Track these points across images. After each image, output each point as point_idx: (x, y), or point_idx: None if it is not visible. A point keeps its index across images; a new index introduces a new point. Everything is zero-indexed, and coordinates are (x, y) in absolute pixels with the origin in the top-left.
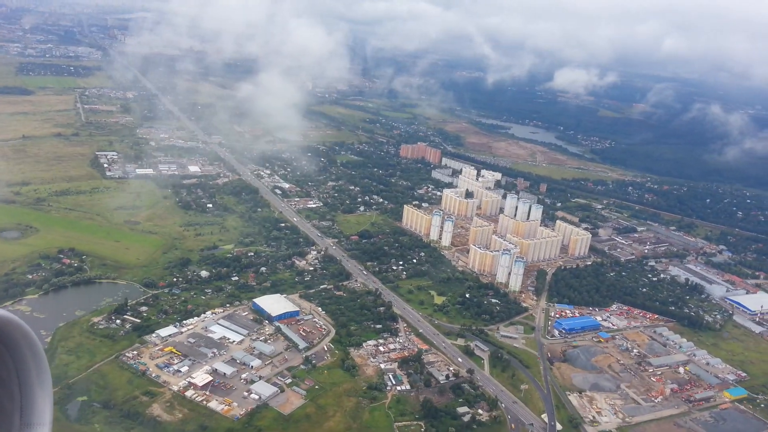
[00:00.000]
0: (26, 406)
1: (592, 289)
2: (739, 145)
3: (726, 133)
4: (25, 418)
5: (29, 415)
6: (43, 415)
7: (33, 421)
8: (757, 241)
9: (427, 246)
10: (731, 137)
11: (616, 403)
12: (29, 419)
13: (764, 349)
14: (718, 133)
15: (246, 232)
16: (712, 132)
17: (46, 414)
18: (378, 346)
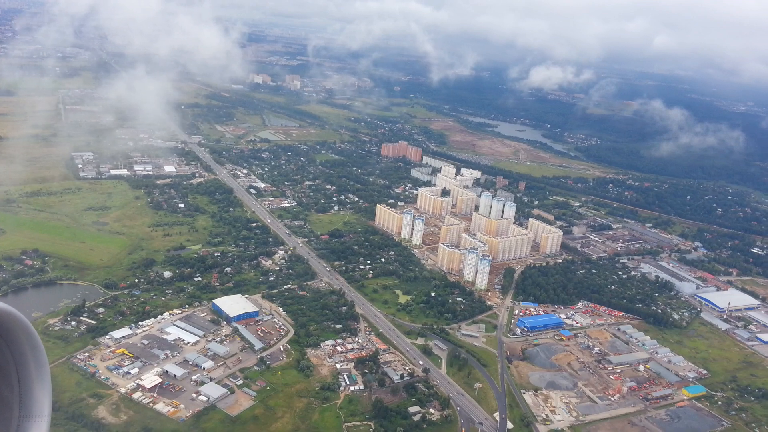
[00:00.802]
0: (25, 397)
1: (559, 287)
2: (724, 142)
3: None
4: (24, 410)
5: (28, 407)
6: (42, 406)
7: (32, 413)
8: (734, 238)
9: (398, 245)
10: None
11: (571, 402)
12: (28, 411)
13: (728, 347)
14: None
15: (215, 232)
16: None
17: (44, 406)
18: (336, 346)
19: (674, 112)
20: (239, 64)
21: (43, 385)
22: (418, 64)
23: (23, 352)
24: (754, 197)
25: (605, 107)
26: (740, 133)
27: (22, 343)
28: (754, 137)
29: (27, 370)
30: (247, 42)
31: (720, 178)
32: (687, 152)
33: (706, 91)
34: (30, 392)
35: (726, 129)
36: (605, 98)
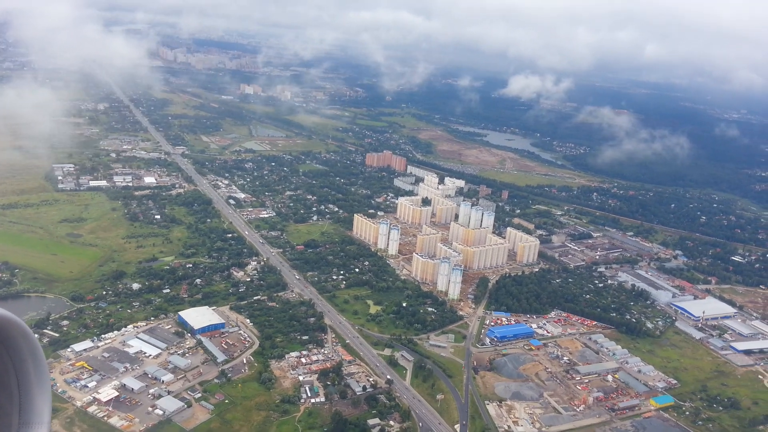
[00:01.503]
0: (25, 405)
1: (533, 296)
2: (714, 149)
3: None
4: (23, 418)
5: (28, 415)
6: (41, 414)
7: (32, 421)
8: (716, 246)
9: (374, 255)
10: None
11: (535, 412)
12: (28, 419)
13: (701, 356)
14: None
15: (190, 244)
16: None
17: (44, 414)
18: (301, 357)
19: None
20: (230, 75)
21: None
22: (411, 74)
23: (23, 359)
24: (740, 205)
25: (597, 116)
26: (731, 140)
27: (22, 349)
28: (744, 145)
29: (27, 377)
30: (242, 53)
31: (707, 185)
32: (675, 160)
33: (700, 100)
34: (30, 400)
35: (717, 137)
36: (597, 107)
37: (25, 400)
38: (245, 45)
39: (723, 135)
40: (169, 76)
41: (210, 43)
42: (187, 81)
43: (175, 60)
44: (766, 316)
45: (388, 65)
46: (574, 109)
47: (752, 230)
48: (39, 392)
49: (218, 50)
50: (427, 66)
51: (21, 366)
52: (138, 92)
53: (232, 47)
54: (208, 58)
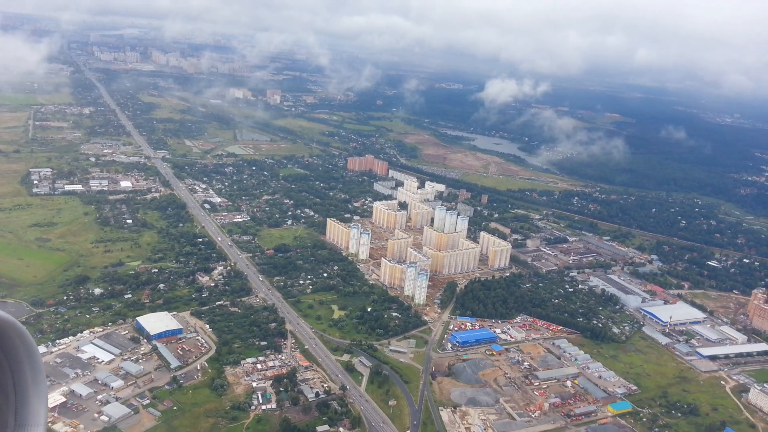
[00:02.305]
0: (21, 406)
1: (499, 301)
2: (703, 154)
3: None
4: (19, 419)
5: (24, 416)
6: (37, 415)
7: (28, 422)
8: (692, 251)
9: (344, 260)
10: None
11: (489, 418)
12: (24, 420)
13: (665, 362)
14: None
15: (158, 248)
16: (676, 141)
17: (40, 415)
18: (257, 363)
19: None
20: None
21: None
22: (404, 78)
23: (20, 361)
24: (723, 209)
25: (587, 120)
26: (721, 145)
27: (19, 351)
28: (735, 149)
29: (23, 379)
30: (236, 57)
31: (692, 190)
32: (662, 164)
33: (694, 104)
34: (26, 401)
35: (707, 141)
36: (588, 110)
37: (21, 401)
38: (241, 49)
39: (714, 139)
40: (159, 80)
41: (205, 47)
42: (176, 85)
43: (167, 64)
44: (737, 322)
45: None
46: (565, 114)
47: (732, 235)
48: (35, 393)
49: (212, 54)
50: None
51: (17, 367)
52: (126, 96)
53: (227, 51)
54: (201, 62)
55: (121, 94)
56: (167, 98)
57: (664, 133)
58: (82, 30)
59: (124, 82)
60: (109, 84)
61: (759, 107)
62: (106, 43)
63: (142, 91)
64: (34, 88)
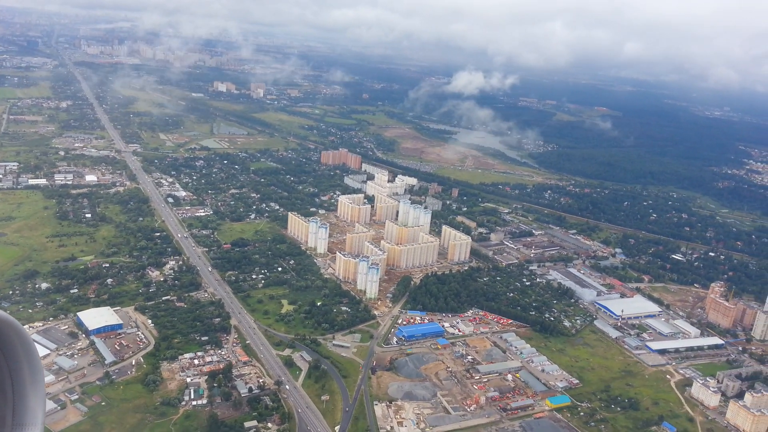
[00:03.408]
0: (18, 405)
1: (452, 295)
2: (686, 147)
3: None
4: (17, 418)
5: (21, 415)
6: (35, 415)
7: (25, 422)
8: (659, 244)
9: (302, 254)
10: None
11: (423, 413)
12: (21, 419)
13: (612, 355)
14: (665, 136)
15: (113, 243)
16: (660, 135)
17: (38, 414)
18: (194, 359)
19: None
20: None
21: (37, 394)
22: (395, 72)
23: (18, 360)
24: (699, 202)
25: (574, 113)
26: (705, 138)
27: (17, 350)
28: (719, 142)
29: (21, 378)
30: (225, 51)
31: (670, 183)
32: (641, 158)
33: (684, 97)
34: (24, 401)
35: (691, 134)
36: (576, 104)
37: (18, 401)
38: (232, 43)
39: (699, 132)
40: (143, 74)
41: (196, 41)
42: (160, 78)
43: (153, 57)
44: (693, 315)
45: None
46: (553, 107)
47: (702, 228)
48: (33, 393)
49: (202, 48)
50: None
51: (15, 366)
52: (106, 90)
53: (218, 45)
54: (188, 55)
55: (102, 87)
56: (148, 92)
57: (648, 127)
58: (73, 24)
59: (107, 75)
60: (92, 78)
61: (749, 100)
62: (96, 37)
63: (123, 84)
64: (14, 82)
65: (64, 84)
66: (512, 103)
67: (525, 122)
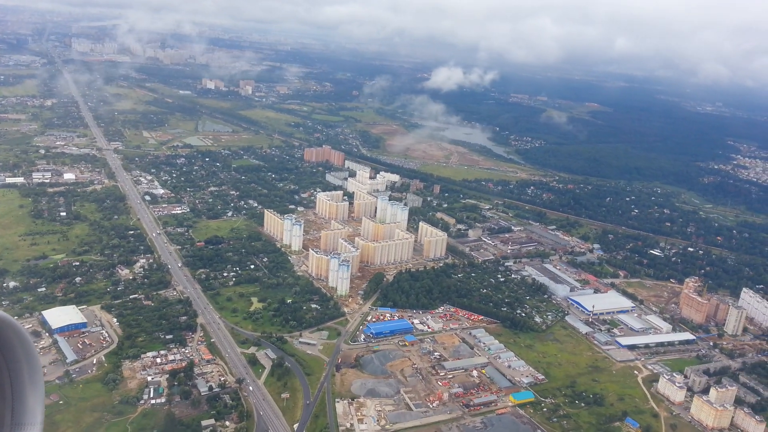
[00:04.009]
0: (18, 405)
1: (424, 291)
2: (674, 142)
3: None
4: (16, 418)
5: (21, 415)
6: (34, 415)
7: (24, 421)
8: (638, 239)
9: (276, 251)
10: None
11: (385, 409)
12: (20, 419)
13: (581, 351)
14: (654, 131)
15: (86, 241)
16: (649, 130)
17: (37, 414)
18: (157, 357)
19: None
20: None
21: (36, 394)
22: (387, 69)
23: (17, 360)
24: (683, 198)
25: (565, 109)
26: (694, 133)
27: (16, 350)
28: (708, 137)
29: (20, 378)
30: (217, 48)
31: (655, 179)
32: (627, 153)
33: (678, 92)
34: (23, 400)
35: (680, 129)
36: (568, 100)
37: (17, 401)
38: (226, 40)
39: (689, 128)
40: (132, 72)
41: (190, 38)
42: (148, 76)
43: (144, 55)
44: (667, 311)
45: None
46: (544, 103)
47: (683, 223)
48: (32, 393)
49: (194, 45)
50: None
51: (15, 366)
52: (93, 88)
53: (212, 42)
54: (178, 53)
55: (89, 85)
56: (135, 89)
57: (638, 122)
58: (66, 21)
59: (95, 73)
60: (79, 76)
61: (742, 95)
62: (87, 35)
63: (111, 82)
64: (0, 80)
65: (51, 82)
66: (503, 99)
67: (514, 118)
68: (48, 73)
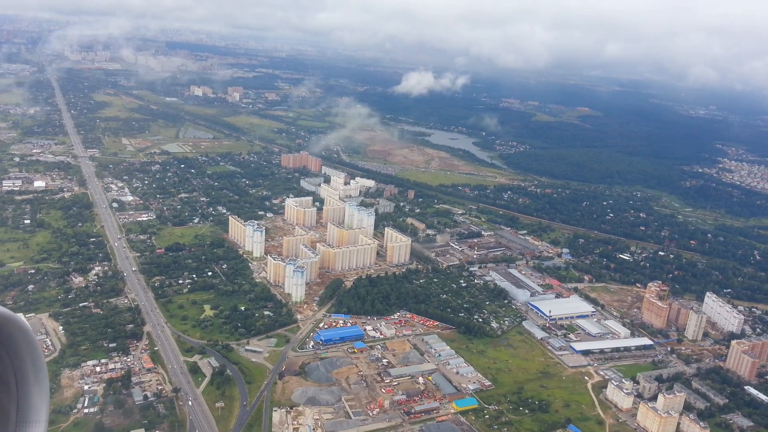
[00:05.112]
0: (23, 403)
1: (381, 297)
2: (660, 146)
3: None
4: (21, 416)
5: (26, 413)
6: (39, 412)
7: (29, 419)
8: (608, 244)
9: (238, 257)
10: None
11: (323, 418)
12: (26, 417)
13: (533, 357)
14: (641, 135)
15: (46, 249)
16: (636, 134)
17: (42, 411)
18: (97, 366)
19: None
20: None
21: (40, 391)
22: (381, 75)
23: (22, 357)
24: (664, 201)
25: (555, 114)
26: (682, 137)
27: (21, 347)
28: (696, 141)
29: (25, 375)
30: (211, 55)
31: (636, 182)
32: (610, 157)
33: (672, 96)
34: (28, 398)
35: (669, 133)
36: (559, 104)
37: (22, 398)
38: (221, 47)
39: (678, 131)
40: (121, 79)
41: (185, 45)
42: (137, 83)
43: (135, 62)
44: (628, 315)
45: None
46: (535, 108)
47: (658, 227)
48: (37, 390)
49: (187, 52)
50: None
51: (20, 364)
52: (79, 96)
53: (206, 50)
54: (171, 60)
55: (76, 93)
56: (122, 97)
57: (627, 126)
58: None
59: (84, 81)
60: (68, 83)
61: (736, 99)
62: (82, 44)
63: (98, 90)
64: None
65: (37, 90)
66: (493, 104)
67: (501, 123)
68: (36, 81)
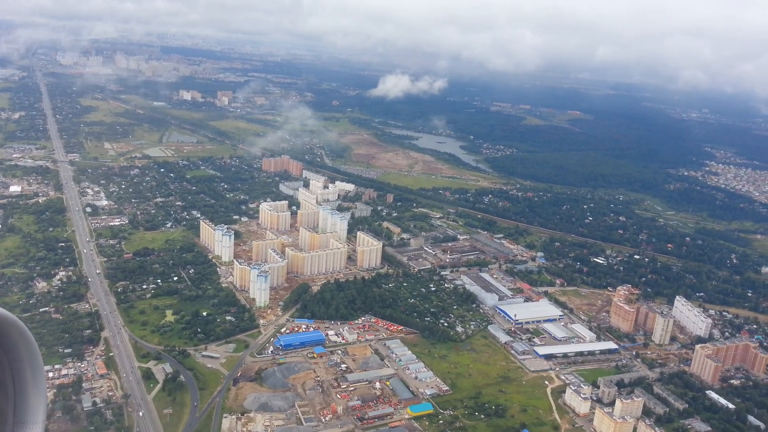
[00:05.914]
0: (20, 404)
1: (346, 302)
2: (648, 149)
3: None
4: (18, 417)
5: (23, 413)
6: (36, 413)
7: (27, 420)
8: (584, 247)
9: (206, 262)
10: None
11: (273, 424)
12: (23, 417)
13: (495, 361)
14: (630, 138)
15: (14, 254)
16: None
17: (39, 412)
18: (50, 372)
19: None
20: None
21: (38, 392)
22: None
23: (20, 359)
24: (647, 204)
25: (545, 117)
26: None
27: (19, 349)
28: (684, 144)
29: (23, 376)
30: (205, 60)
31: (621, 185)
32: (595, 161)
33: (666, 99)
34: (25, 399)
35: (658, 137)
36: (551, 108)
37: (20, 399)
38: (217, 52)
39: (668, 134)
40: (111, 84)
41: (180, 50)
42: (126, 88)
43: (127, 67)
44: (596, 319)
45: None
46: (526, 111)
47: (636, 231)
48: (34, 391)
49: (182, 57)
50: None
51: (18, 365)
52: (66, 101)
53: (201, 54)
54: (162, 64)
55: (63, 98)
56: (109, 101)
57: (617, 129)
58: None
59: (72, 86)
60: (56, 88)
61: (727, 102)
62: (77, 48)
63: (86, 94)
64: None
65: (24, 95)
66: (484, 108)
67: (491, 126)
68: (25, 86)
